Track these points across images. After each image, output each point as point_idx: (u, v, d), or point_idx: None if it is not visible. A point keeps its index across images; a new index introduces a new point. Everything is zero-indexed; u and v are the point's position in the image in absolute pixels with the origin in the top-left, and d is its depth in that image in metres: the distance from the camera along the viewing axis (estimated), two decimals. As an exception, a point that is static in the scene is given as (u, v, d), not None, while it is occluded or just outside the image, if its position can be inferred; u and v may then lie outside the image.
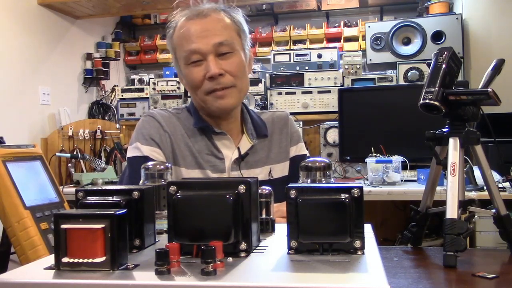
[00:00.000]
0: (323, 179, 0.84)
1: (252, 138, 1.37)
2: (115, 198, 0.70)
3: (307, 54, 3.21)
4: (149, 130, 1.31)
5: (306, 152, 1.47)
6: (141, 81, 3.58)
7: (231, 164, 1.32)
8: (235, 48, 1.29)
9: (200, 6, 1.31)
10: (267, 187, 0.85)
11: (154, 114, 1.35)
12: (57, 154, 2.99)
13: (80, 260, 0.60)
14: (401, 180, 2.41)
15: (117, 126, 3.30)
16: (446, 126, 1.18)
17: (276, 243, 0.74)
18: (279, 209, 1.00)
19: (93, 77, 3.66)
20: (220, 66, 1.25)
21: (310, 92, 3.11)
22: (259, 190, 0.80)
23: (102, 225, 0.60)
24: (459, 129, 1.15)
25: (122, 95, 3.51)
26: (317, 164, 0.84)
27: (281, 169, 1.40)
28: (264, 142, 1.39)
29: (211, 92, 1.27)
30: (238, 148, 1.34)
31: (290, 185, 0.68)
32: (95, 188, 0.74)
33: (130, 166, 1.31)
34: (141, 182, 0.87)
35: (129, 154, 1.31)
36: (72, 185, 2.91)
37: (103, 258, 0.60)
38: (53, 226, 0.63)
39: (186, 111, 1.39)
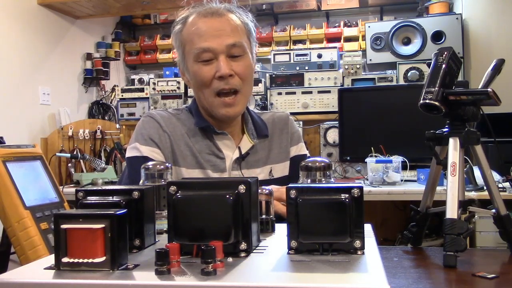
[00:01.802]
0: (323, 179, 0.84)
1: (252, 138, 1.37)
2: (115, 198, 0.70)
3: (307, 54, 3.21)
4: (149, 130, 1.31)
5: (307, 152, 1.47)
6: (141, 81, 3.58)
7: (232, 164, 1.32)
8: (246, 50, 1.29)
9: (212, 5, 1.31)
10: (267, 187, 0.85)
11: (153, 115, 1.34)
12: (57, 154, 2.99)
13: (80, 260, 0.60)
14: (401, 180, 2.41)
15: (117, 126, 3.30)
16: (446, 126, 1.18)
17: (276, 243, 0.74)
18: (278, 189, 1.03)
19: (93, 77, 3.66)
20: (230, 66, 1.26)
21: (310, 92, 3.11)
22: (259, 190, 0.80)
23: (102, 225, 0.60)
24: (459, 129, 1.15)
25: (122, 95, 3.51)
26: (317, 164, 0.84)
27: (281, 169, 1.40)
28: (265, 142, 1.40)
29: (219, 94, 1.27)
30: (239, 148, 1.34)
31: (290, 185, 0.68)
32: (95, 188, 0.74)
33: (129, 166, 1.31)
34: (141, 182, 0.87)
35: (128, 154, 1.31)
36: (72, 185, 2.91)
37: (103, 258, 0.60)
38: (53, 226, 0.63)
39: (186, 111, 1.39)
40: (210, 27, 1.26)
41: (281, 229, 0.82)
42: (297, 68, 3.19)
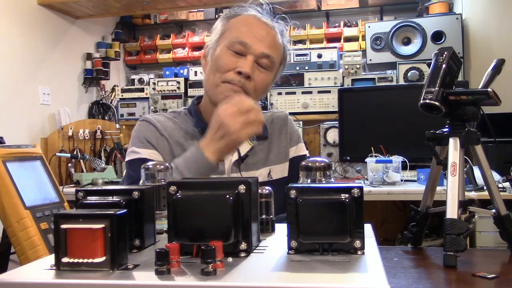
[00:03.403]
0: (323, 179, 0.84)
1: (252, 139, 1.35)
2: (115, 198, 0.70)
3: (307, 54, 3.21)
4: (145, 133, 1.31)
5: (306, 152, 1.47)
6: (141, 81, 3.58)
7: (231, 166, 1.31)
8: (273, 69, 1.33)
9: (269, 18, 1.35)
10: (267, 187, 0.85)
11: (149, 119, 1.34)
12: (57, 154, 2.99)
13: (80, 260, 0.60)
14: (401, 180, 2.41)
15: (117, 126, 3.30)
16: (446, 126, 1.18)
17: (276, 243, 0.74)
18: None
19: (93, 77, 3.66)
20: (253, 70, 1.28)
21: (310, 92, 3.11)
22: (259, 190, 0.80)
23: (102, 225, 0.60)
24: (459, 129, 1.15)
25: (122, 95, 3.51)
26: (317, 164, 0.84)
27: (280, 170, 1.39)
28: (264, 143, 1.39)
29: (229, 82, 1.27)
30: (238, 150, 1.33)
31: (290, 185, 0.68)
32: (95, 188, 0.74)
33: (129, 169, 1.31)
34: (141, 182, 0.87)
35: (127, 158, 1.32)
36: (72, 185, 2.91)
37: (103, 258, 0.60)
38: (53, 226, 0.63)
39: (184, 114, 1.38)
40: (258, 31, 1.30)
41: (281, 229, 0.82)
42: (297, 68, 3.19)
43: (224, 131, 1.13)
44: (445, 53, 1.15)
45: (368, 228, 0.78)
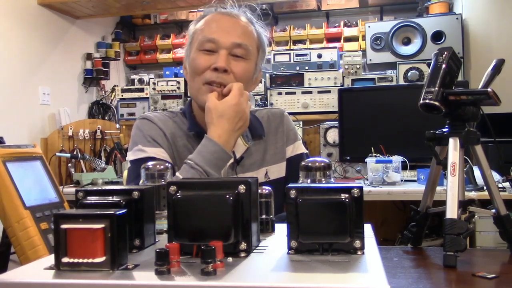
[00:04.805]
0: (323, 179, 0.84)
1: (247, 140, 1.32)
2: (115, 198, 0.70)
3: (307, 54, 3.21)
4: (149, 131, 1.29)
5: (304, 150, 1.43)
6: (141, 81, 3.58)
7: (227, 169, 1.27)
8: (249, 56, 1.30)
9: (235, 10, 1.33)
10: (267, 187, 0.85)
11: (150, 117, 1.33)
12: (57, 154, 2.99)
13: (80, 260, 0.60)
14: (401, 180, 2.41)
15: (117, 126, 3.30)
16: (446, 126, 1.18)
17: (276, 243, 0.74)
18: None
19: (93, 77, 3.66)
20: (228, 63, 1.26)
21: (310, 92, 3.11)
22: (259, 190, 0.80)
23: (102, 225, 0.60)
24: (459, 129, 1.15)
25: (122, 95, 3.51)
26: (317, 164, 0.84)
27: (277, 170, 1.37)
28: (260, 143, 1.36)
29: (209, 83, 1.25)
30: (233, 152, 1.30)
31: (290, 185, 0.68)
32: (95, 188, 0.74)
33: (137, 168, 1.28)
34: (141, 182, 0.87)
35: (133, 157, 1.28)
36: (72, 185, 2.91)
37: (103, 258, 0.60)
38: (53, 226, 0.63)
39: (180, 114, 1.37)
40: (223, 24, 1.28)
41: (281, 229, 0.82)
42: (297, 68, 3.19)
43: (243, 120, 1.22)
44: (445, 53, 1.15)
45: (368, 228, 0.77)
